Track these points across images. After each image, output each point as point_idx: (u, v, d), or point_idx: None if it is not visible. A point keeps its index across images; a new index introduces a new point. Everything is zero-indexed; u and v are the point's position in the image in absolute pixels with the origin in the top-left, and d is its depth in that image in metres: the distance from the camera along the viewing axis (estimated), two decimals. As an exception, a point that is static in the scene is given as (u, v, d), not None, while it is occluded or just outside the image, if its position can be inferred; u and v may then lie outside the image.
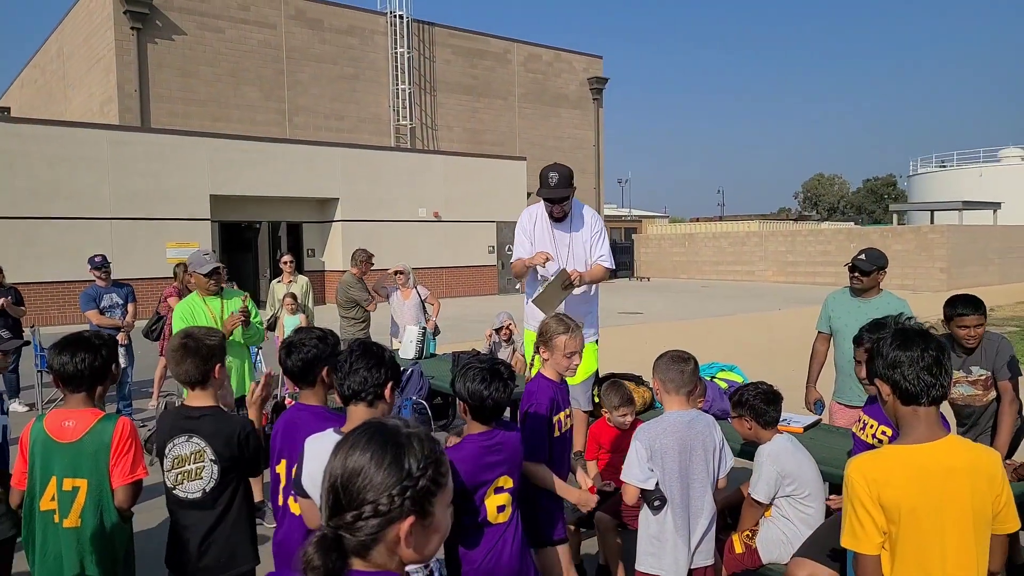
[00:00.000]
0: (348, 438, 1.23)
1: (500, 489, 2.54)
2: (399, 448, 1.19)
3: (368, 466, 1.17)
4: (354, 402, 2.31)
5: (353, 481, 1.16)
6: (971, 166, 43.96)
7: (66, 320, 16.02)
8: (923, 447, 1.92)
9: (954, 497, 1.88)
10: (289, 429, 2.59)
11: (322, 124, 23.73)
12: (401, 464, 1.17)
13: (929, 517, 1.87)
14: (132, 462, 2.59)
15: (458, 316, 17.00)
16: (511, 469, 2.57)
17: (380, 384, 2.30)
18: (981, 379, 3.90)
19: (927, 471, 1.89)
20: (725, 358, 7.70)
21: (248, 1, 22.38)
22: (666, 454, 2.79)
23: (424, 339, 7.05)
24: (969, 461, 1.91)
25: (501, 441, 2.55)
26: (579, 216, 4.42)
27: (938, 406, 1.95)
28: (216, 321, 4.64)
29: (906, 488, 1.87)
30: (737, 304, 19.94)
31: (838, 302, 4.61)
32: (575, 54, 30.88)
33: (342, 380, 2.31)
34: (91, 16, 21.76)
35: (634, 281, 31.96)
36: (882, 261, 4.46)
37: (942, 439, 1.93)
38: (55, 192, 16.45)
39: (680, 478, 2.81)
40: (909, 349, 1.94)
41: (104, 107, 21.04)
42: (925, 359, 1.92)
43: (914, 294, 22.54)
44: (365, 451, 1.18)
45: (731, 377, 4.91)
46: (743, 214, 62.53)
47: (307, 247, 21.52)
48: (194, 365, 2.64)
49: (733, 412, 3.35)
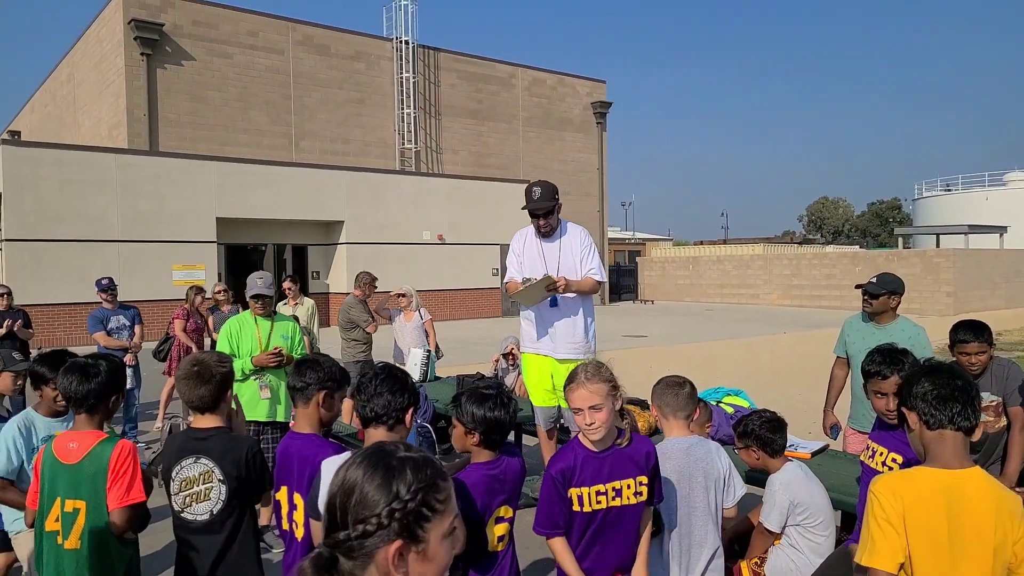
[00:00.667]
0: (350, 459, 1.25)
1: (501, 519, 2.52)
2: (389, 470, 1.19)
3: (361, 485, 1.18)
4: (374, 425, 2.31)
5: (347, 500, 1.17)
6: (977, 190, 43.99)
7: (73, 342, 16.04)
8: (951, 473, 1.90)
9: (978, 528, 1.85)
10: (284, 456, 2.62)
11: (328, 148, 23.94)
12: (389, 486, 1.17)
13: (951, 544, 1.84)
14: (128, 485, 2.57)
15: (462, 339, 16.97)
16: (511, 498, 2.54)
17: (402, 409, 2.31)
18: (992, 405, 3.86)
19: (955, 497, 1.86)
20: (731, 382, 7.68)
21: (256, 27, 22.69)
22: (665, 482, 2.77)
23: (429, 362, 7.05)
24: (996, 496, 1.89)
25: (505, 470, 2.52)
26: (567, 233, 4.48)
27: (967, 436, 1.95)
28: (260, 342, 4.83)
29: (933, 510, 1.85)
30: (742, 328, 19.88)
31: (853, 327, 4.55)
32: (579, 79, 31.16)
33: (365, 402, 2.31)
34: (102, 42, 22.08)
35: (638, 304, 31.93)
36: (893, 286, 4.36)
37: (969, 468, 1.92)
38: (63, 215, 16.57)
39: (680, 505, 2.79)
40: (937, 378, 1.98)
41: (113, 131, 21.27)
42: (950, 386, 1.95)
43: (921, 318, 22.46)
44: (359, 471, 1.20)
45: (737, 402, 4.88)
46: (747, 237, 62.61)
47: (312, 269, 21.60)
48: (208, 392, 2.65)
49: (739, 443, 3.33)
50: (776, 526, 3.08)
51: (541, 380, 4.39)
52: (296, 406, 2.70)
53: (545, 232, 4.40)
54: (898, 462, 2.74)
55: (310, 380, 2.63)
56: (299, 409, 2.69)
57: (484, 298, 24.01)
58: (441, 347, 8.04)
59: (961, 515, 1.85)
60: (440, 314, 22.34)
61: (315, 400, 2.63)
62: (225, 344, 4.78)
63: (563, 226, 4.50)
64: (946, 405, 1.93)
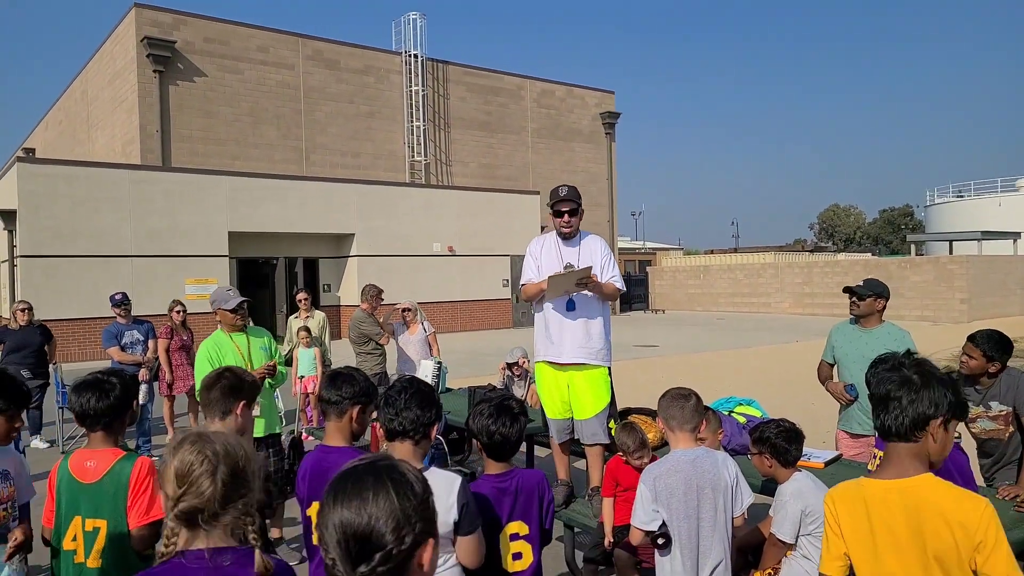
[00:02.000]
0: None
1: (515, 536, 2.48)
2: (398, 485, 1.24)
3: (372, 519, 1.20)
4: (400, 439, 2.29)
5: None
6: (989, 196, 43.70)
7: (87, 357, 16.18)
8: (892, 482, 1.90)
9: (913, 537, 1.85)
10: (317, 472, 2.57)
11: (338, 161, 24.10)
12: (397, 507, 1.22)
13: (886, 552, 1.87)
14: (149, 503, 2.58)
15: (472, 350, 16.98)
16: (527, 514, 2.50)
17: (429, 424, 2.31)
18: (1002, 414, 3.90)
19: (887, 505, 1.88)
20: (743, 392, 7.64)
21: (267, 43, 22.93)
22: (672, 494, 2.76)
23: (440, 373, 7.06)
24: (936, 503, 1.85)
25: (518, 483, 2.50)
26: (587, 241, 4.48)
27: (909, 441, 1.90)
28: (243, 357, 4.66)
29: (863, 519, 1.90)
30: (753, 336, 19.78)
31: (841, 332, 4.66)
32: (587, 89, 31.25)
33: (393, 416, 2.30)
34: (115, 60, 22.37)
35: (649, 314, 31.84)
36: (879, 288, 4.47)
37: (914, 477, 1.89)
38: (77, 231, 16.75)
39: (687, 518, 2.78)
40: (878, 387, 1.96)
41: (126, 147, 21.51)
42: (880, 393, 1.94)
43: (934, 325, 22.27)
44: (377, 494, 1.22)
45: (749, 411, 4.86)
46: (758, 246, 62.32)
47: (323, 282, 21.69)
48: (221, 394, 2.72)
49: (753, 448, 3.31)
50: (789, 536, 3.06)
51: (555, 391, 4.37)
52: (328, 419, 2.69)
53: (567, 233, 4.40)
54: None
55: (346, 394, 2.63)
56: (331, 422, 2.67)
57: (494, 309, 24.02)
58: (445, 361, 8.07)
59: (892, 524, 1.87)
60: (451, 325, 22.36)
61: (349, 414, 2.64)
62: (207, 366, 4.47)
63: (582, 234, 4.52)
64: (879, 416, 1.96)
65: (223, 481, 1.54)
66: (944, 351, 13.85)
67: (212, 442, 1.58)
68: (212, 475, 1.54)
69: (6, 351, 7.76)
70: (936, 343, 15.74)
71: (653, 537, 2.76)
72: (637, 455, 3.68)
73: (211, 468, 1.54)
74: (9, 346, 7.78)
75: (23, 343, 7.83)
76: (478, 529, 2.26)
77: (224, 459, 1.56)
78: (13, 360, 7.64)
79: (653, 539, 2.77)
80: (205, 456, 1.55)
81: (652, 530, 2.74)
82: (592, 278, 4.14)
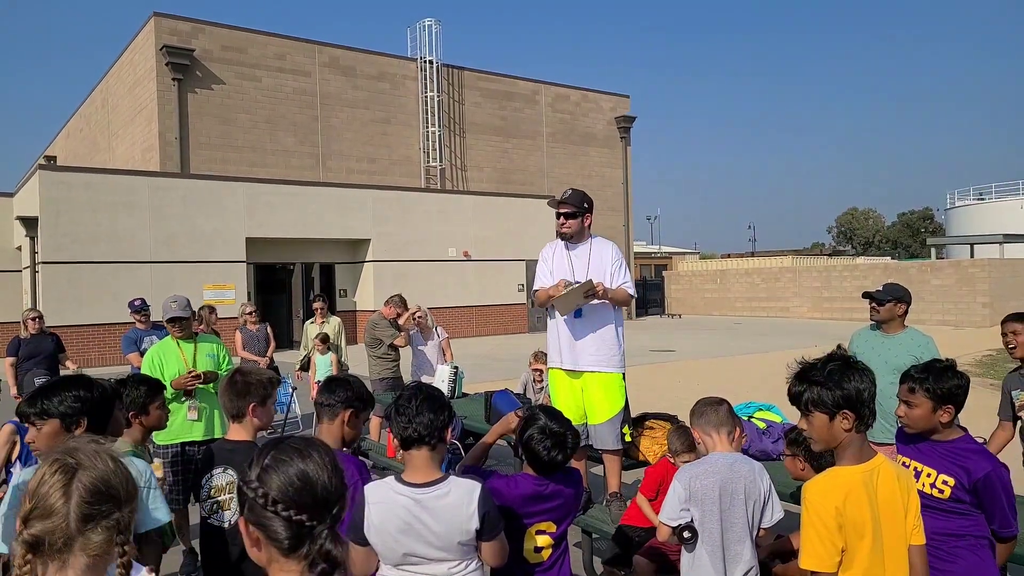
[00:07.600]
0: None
1: (542, 532, 2.55)
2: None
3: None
4: (416, 446, 2.26)
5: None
6: (1011, 198, 43.09)
7: (106, 362, 16.34)
8: (861, 467, 2.08)
9: (897, 512, 2.06)
10: None
11: (354, 167, 24.22)
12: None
13: (880, 533, 2.03)
14: None
15: (489, 355, 16.95)
16: (559, 518, 2.60)
17: (443, 426, 2.30)
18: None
19: (874, 488, 2.06)
20: (762, 397, 7.54)
21: (284, 50, 23.12)
22: (706, 495, 2.73)
23: (457, 378, 7.05)
24: (903, 477, 2.10)
25: (555, 492, 2.59)
26: (597, 246, 4.46)
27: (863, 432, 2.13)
28: (187, 364, 4.88)
29: (861, 505, 2.02)
30: (771, 341, 19.60)
31: (862, 338, 4.56)
32: (602, 94, 31.22)
33: (406, 423, 2.27)
34: (135, 68, 22.65)
35: (665, 318, 31.68)
36: (899, 293, 4.34)
37: (876, 458, 2.10)
38: (97, 237, 16.95)
39: (719, 520, 2.74)
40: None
41: (146, 155, 21.75)
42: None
43: (956, 330, 21.96)
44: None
45: (769, 417, 4.79)
46: (775, 249, 61.89)
47: (339, 288, 21.78)
48: (228, 398, 2.82)
49: (787, 450, 3.26)
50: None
51: (569, 397, 4.33)
52: (321, 422, 2.73)
53: (565, 235, 4.40)
54: (949, 484, 2.52)
55: (338, 398, 2.67)
56: (323, 425, 2.70)
57: (510, 314, 24.00)
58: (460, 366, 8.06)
59: (881, 503, 2.05)
60: (467, 330, 22.37)
61: (340, 418, 2.66)
62: (148, 372, 4.66)
63: (592, 238, 4.49)
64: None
65: (81, 497, 1.31)
66: (968, 355, 13.64)
67: (75, 453, 1.37)
68: (64, 489, 1.31)
69: (20, 359, 7.88)
70: (959, 347, 15.51)
71: (679, 530, 2.73)
72: (683, 458, 3.64)
73: (64, 481, 1.32)
74: (23, 354, 7.90)
75: (36, 351, 7.95)
76: (500, 532, 2.28)
77: (85, 472, 1.34)
78: (28, 367, 7.75)
79: (679, 532, 2.74)
80: (58, 467, 1.34)
81: (679, 524, 2.73)
82: (598, 287, 4.10)
